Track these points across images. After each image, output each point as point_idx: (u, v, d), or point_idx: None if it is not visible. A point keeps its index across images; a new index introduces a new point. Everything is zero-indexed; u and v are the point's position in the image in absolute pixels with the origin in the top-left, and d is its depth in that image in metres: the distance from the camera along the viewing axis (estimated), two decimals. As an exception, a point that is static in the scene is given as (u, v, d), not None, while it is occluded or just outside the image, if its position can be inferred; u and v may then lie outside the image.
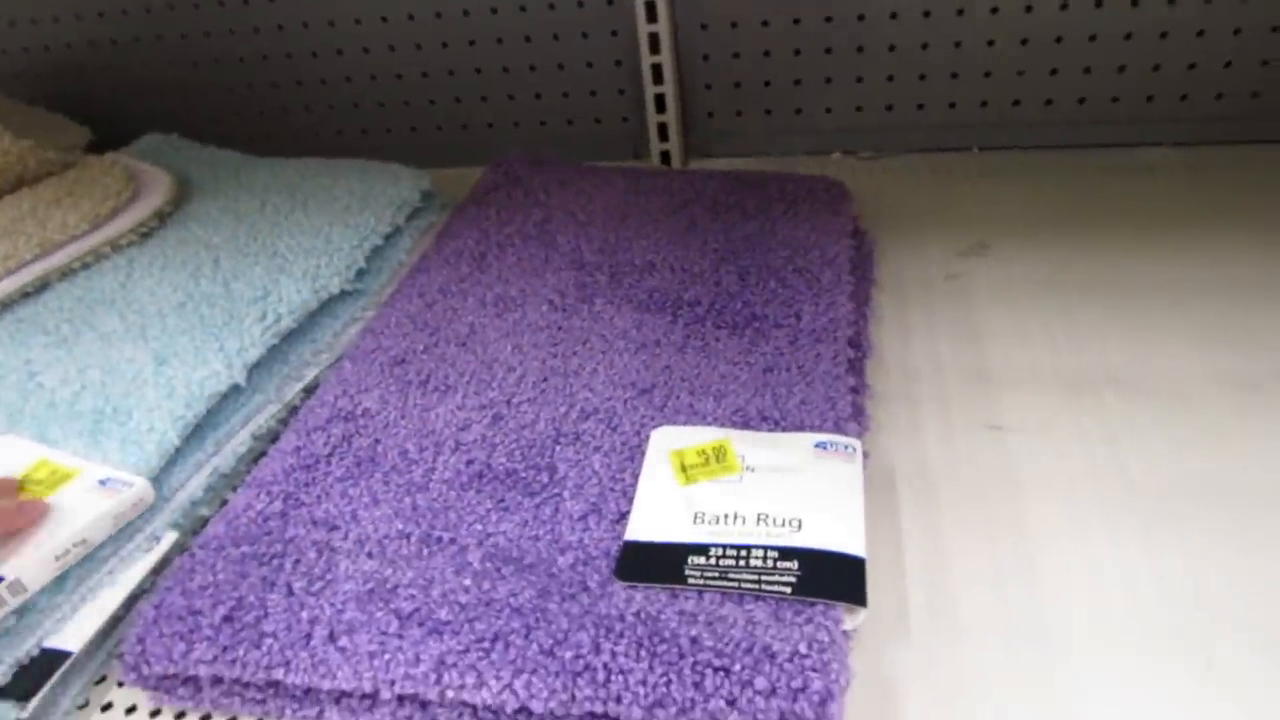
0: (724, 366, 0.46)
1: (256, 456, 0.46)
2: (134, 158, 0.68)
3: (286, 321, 0.49)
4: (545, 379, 0.46)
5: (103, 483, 0.39)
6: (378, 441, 0.43)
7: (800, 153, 0.72)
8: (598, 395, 0.45)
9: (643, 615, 0.33)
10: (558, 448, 0.42)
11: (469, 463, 0.42)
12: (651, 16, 0.67)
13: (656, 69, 0.69)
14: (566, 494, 0.39)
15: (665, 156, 0.73)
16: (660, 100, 0.71)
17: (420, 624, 0.33)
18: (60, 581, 0.37)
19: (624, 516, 0.38)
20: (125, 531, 0.39)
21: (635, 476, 0.40)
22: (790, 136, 0.72)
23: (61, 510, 0.38)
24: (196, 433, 0.44)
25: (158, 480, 0.41)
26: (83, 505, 0.38)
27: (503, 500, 0.39)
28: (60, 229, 0.57)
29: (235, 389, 0.46)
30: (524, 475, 0.41)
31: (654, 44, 0.68)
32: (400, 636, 0.33)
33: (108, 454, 0.41)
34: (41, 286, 0.54)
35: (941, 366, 0.49)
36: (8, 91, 0.78)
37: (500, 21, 0.71)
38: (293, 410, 0.48)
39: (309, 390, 0.50)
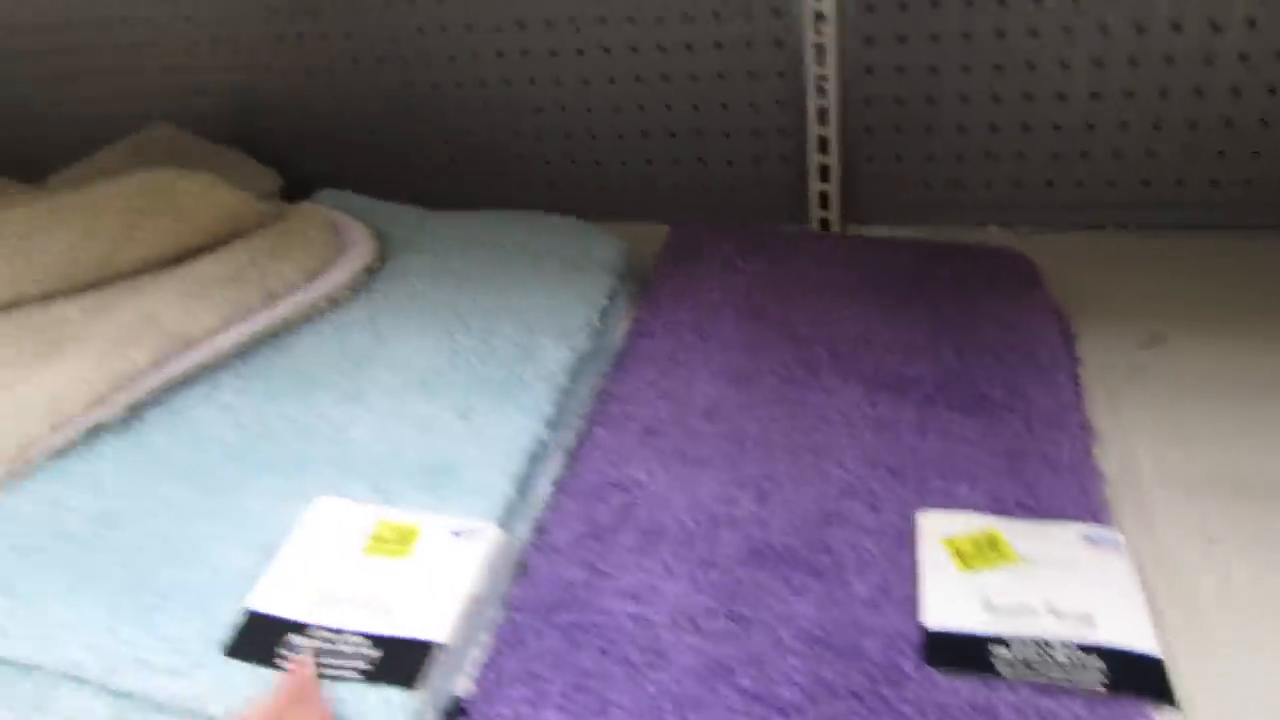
0: (965, 449, 0.49)
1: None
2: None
3: (560, 379, 0.52)
4: (796, 456, 0.49)
5: (456, 534, 0.41)
6: (655, 513, 0.46)
7: (957, 224, 0.75)
8: (851, 474, 0.48)
9: (978, 705, 0.36)
10: (828, 528, 0.45)
11: (747, 538, 0.44)
12: (821, 92, 0.70)
13: (823, 140, 0.72)
14: (850, 576, 0.42)
15: (824, 223, 0.76)
16: (824, 170, 0.74)
17: (766, 703, 0.36)
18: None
19: (910, 601, 0.41)
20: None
21: (911, 560, 0.43)
22: (948, 209, 0.75)
23: (438, 565, 0.40)
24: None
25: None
26: (457, 558, 0.41)
27: (790, 579, 0.42)
28: (279, 280, 0.60)
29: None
30: (804, 555, 0.43)
31: (822, 117, 0.71)
32: (747, 714, 0.36)
33: (449, 507, 0.43)
34: (267, 338, 0.57)
35: (1137, 465, 0.49)
36: (202, 129, 0.81)
37: (671, 89, 0.74)
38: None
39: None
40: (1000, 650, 0.38)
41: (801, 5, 0.67)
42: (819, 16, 0.67)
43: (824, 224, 0.76)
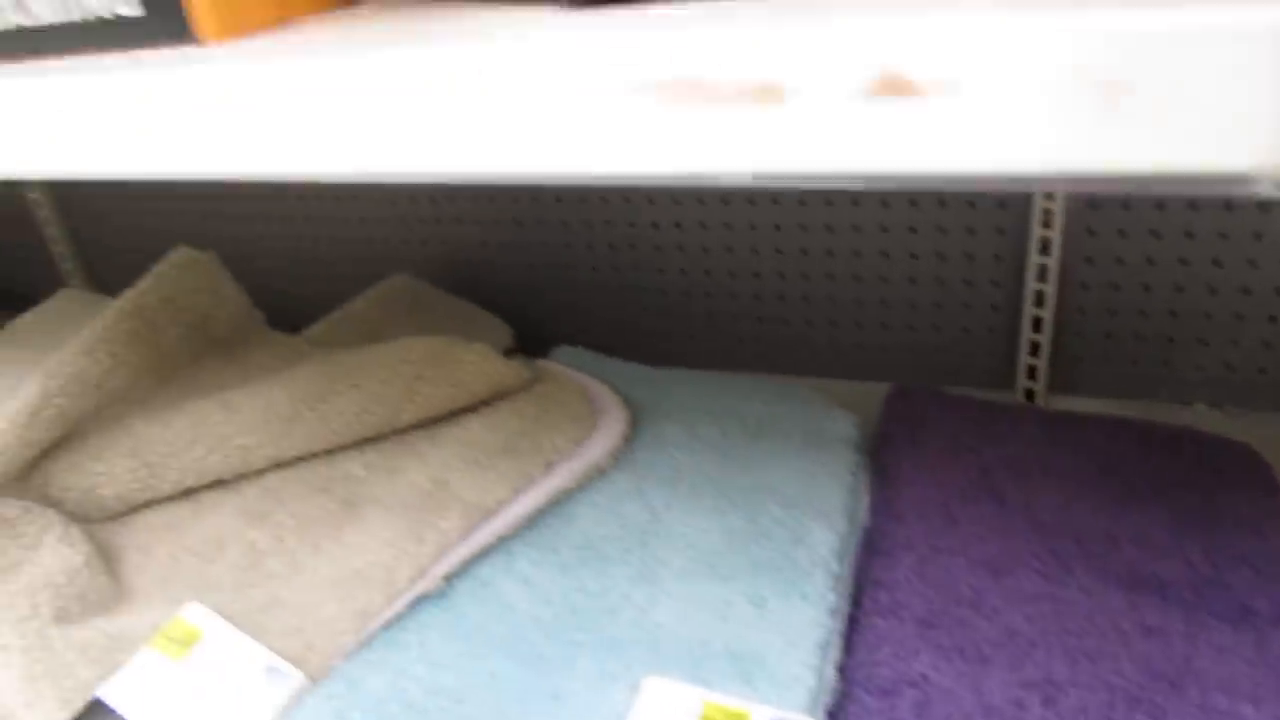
0: (1243, 666, 0.51)
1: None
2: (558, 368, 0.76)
3: (833, 566, 0.55)
4: (1073, 659, 0.51)
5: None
6: (950, 712, 0.48)
7: (1164, 400, 0.78)
8: (1131, 683, 0.50)
9: None
10: (1122, 739, 0.47)
11: (1045, 747, 0.47)
12: (1042, 278, 0.74)
13: (1036, 320, 0.76)
14: (1157, 793, 0.44)
15: (1029, 394, 0.79)
16: (1034, 346, 0.77)
17: None
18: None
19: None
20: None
21: (1214, 781, 0.45)
22: (1156, 386, 0.78)
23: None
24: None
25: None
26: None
27: (1098, 793, 0.44)
28: (552, 449, 0.65)
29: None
30: (1105, 767, 0.46)
31: (1039, 300, 0.75)
32: None
33: (760, 696, 0.47)
34: (547, 508, 0.62)
35: None
36: (436, 277, 0.88)
37: (889, 265, 0.78)
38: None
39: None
40: None
41: (1030, 203, 0.72)
42: (1047, 213, 0.71)
43: (1029, 394, 0.80)
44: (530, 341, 0.84)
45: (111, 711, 0.48)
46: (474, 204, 0.90)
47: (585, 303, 0.91)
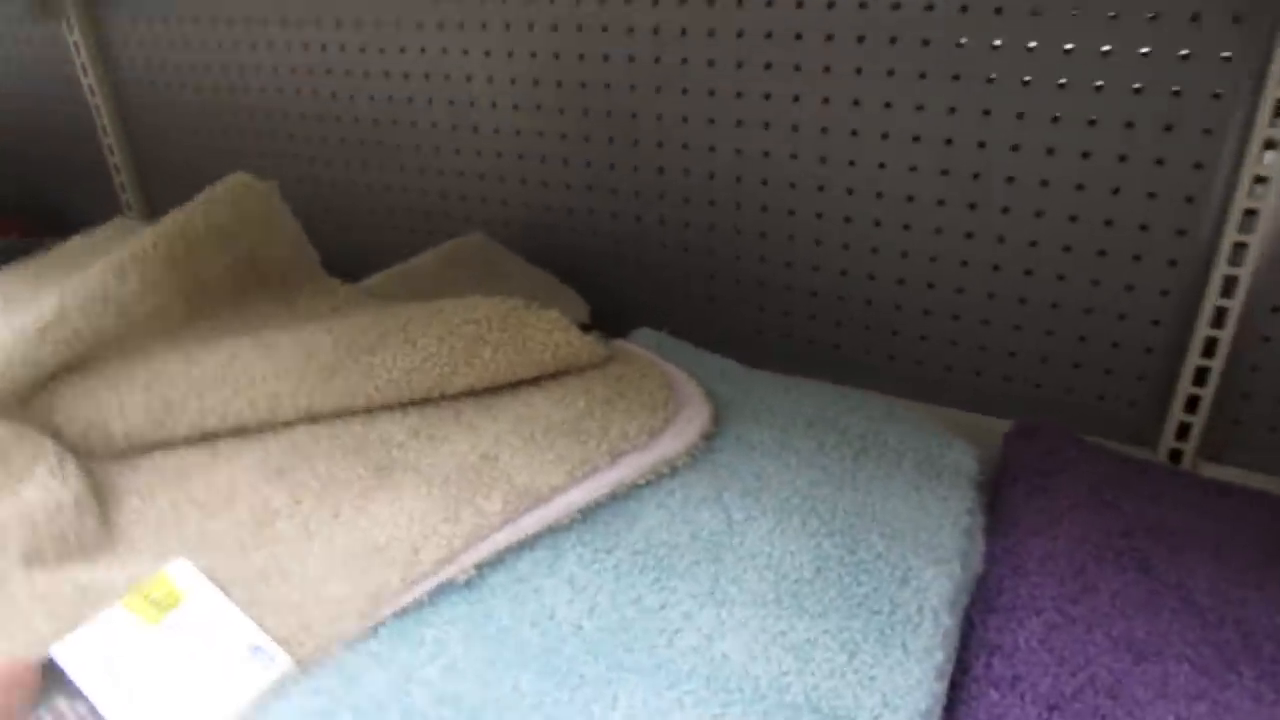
0: None
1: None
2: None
3: (944, 618, 0.45)
4: (1241, 777, 0.40)
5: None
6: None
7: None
8: (1319, 822, 0.39)
9: None
10: None
11: None
12: (1218, 323, 0.63)
13: (1201, 372, 0.65)
14: None
15: (1175, 455, 0.68)
16: (1192, 401, 0.66)
17: None
18: None
19: None
20: None
21: None
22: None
23: None
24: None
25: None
26: None
27: None
28: (622, 437, 0.56)
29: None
30: None
31: (1209, 348, 0.64)
32: None
33: None
34: (608, 502, 0.52)
35: None
36: (513, 242, 0.80)
37: (1032, 283, 0.68)
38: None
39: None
40: None
41: (1220, 234, 0.61)
42: (1238, 249, 0.60)
43: (1174, 455, 0.68)
44: (608, 321, 0.75)
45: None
46: (564, 166, 0.82)
47: (672, 286, 0.82)
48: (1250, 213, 0.59)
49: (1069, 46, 0.60)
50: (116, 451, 0.57)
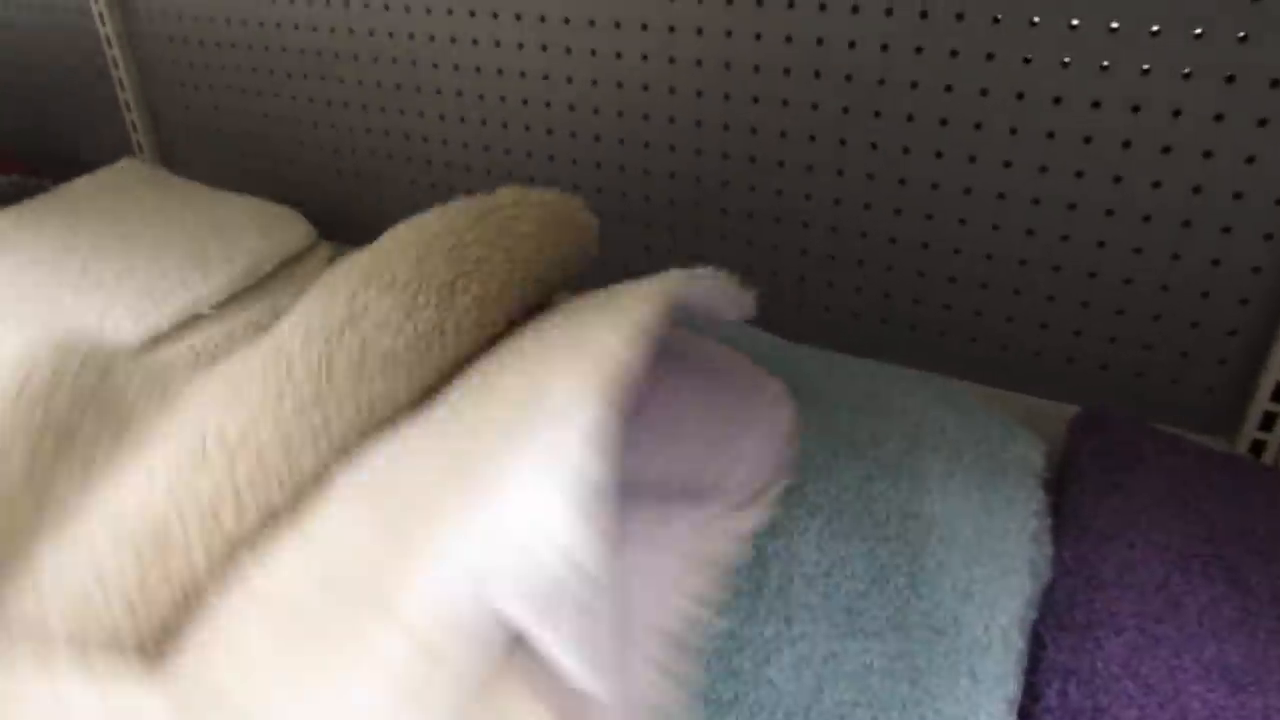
0: None
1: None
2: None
3: (1015, 640, 0.41)
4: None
5: None
6: None
7: None
8: None
9: None
10: None
11: None
12: (1310, 300, 0.57)
13: (1292, 356, 0.59)
14: None
15: (1257, 447, 0.62)
16: (1280, 390, 0.60)
17: None
18: None
19: None
20: None
21: None
22: None
23: None
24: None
25: None
26: None
27: None
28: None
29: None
30: None
31: (1301, 333, 0.58)
32: None
33: None
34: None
35: None
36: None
37: (1104, 255, 0.62)
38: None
39: None
40: None
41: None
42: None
43: (1256, 447, 0.62)
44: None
45: None
46: (594, 115, 0.76)
47: (711, 250, 0.77)
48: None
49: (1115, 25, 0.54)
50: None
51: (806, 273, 0.73)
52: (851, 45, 0.63)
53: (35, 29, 1.08)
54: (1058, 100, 0.59)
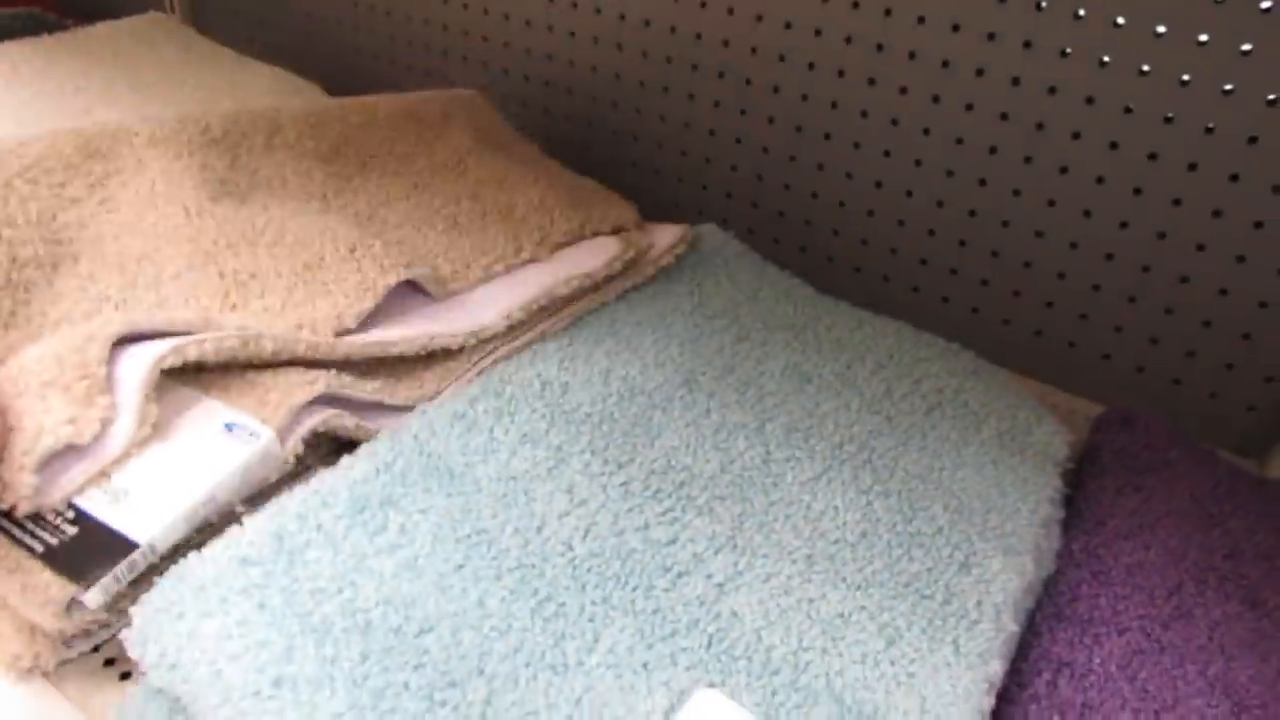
0: None
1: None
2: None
3: (1007, 621, 0.37)
4: None
5: None
6: None
7: None
8: None
9: None
10: None
11: None
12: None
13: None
14: None
15: (1291, 470, 0.58)
16: (1326, 416, 0.56)
17: None
18: None
19: None
20: None
21: None
22: None
23: None
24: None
25: None
26: None
27: None
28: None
29: None
30: None
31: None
32: None
33: None
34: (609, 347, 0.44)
35: None
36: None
37: (1157, 248, 0.58)
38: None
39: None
40: None
41: None
42: None
43: (1289, 473, 0.59)
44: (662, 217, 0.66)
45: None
46: (596, 15, 0.72)
47: (734, 185, 0.73)
48: None
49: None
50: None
51: (841, 226, 0.69)
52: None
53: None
54: (1102, 63, 0.55)
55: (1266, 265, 0.55)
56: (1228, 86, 0.52)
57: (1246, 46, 0.50)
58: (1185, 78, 0.53)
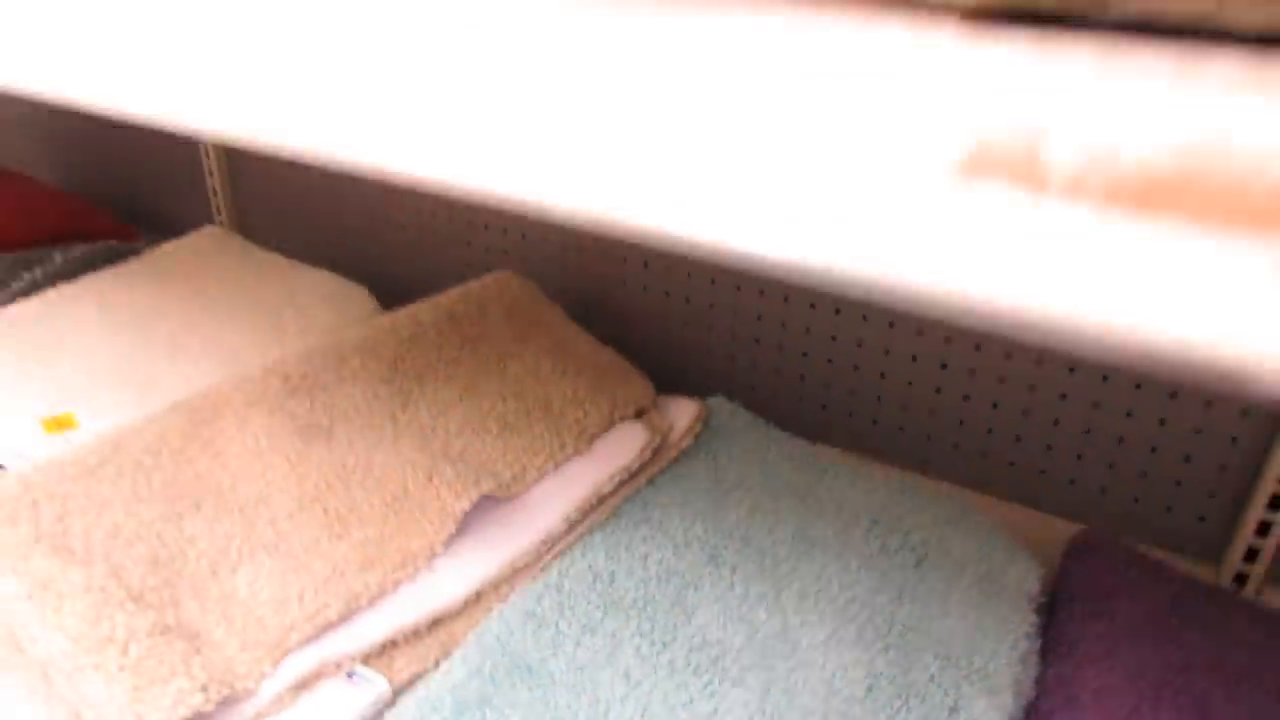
0: None
1: None
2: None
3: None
4: None
5: None
6: None
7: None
8: None
9: None
10: None
11: None
12: (1297, 451, 0.62)
13: (1276, 497, 0.63)
14: None
15: (1240, 578, 0.67)
16: (1265, 527, 0.65)
17: None
18: None
19: None
20: None
21: None
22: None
23: None
24: None
25: None
26: None
27: None
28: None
29: None
30: None
31: (1284, 474, 0.63)
32: None
33: None
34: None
35: None
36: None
37: (1102, 387, 0.67)
38: None
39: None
40: None
41: None
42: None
43: (1240, 579, 0.67)
44: (670, 388, 0.76)
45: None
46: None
47: (734, 350, 0.83)
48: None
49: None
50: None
51: (832, 381, 0.79)
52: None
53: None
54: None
55: (1193, 401, 0.64)
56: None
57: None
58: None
